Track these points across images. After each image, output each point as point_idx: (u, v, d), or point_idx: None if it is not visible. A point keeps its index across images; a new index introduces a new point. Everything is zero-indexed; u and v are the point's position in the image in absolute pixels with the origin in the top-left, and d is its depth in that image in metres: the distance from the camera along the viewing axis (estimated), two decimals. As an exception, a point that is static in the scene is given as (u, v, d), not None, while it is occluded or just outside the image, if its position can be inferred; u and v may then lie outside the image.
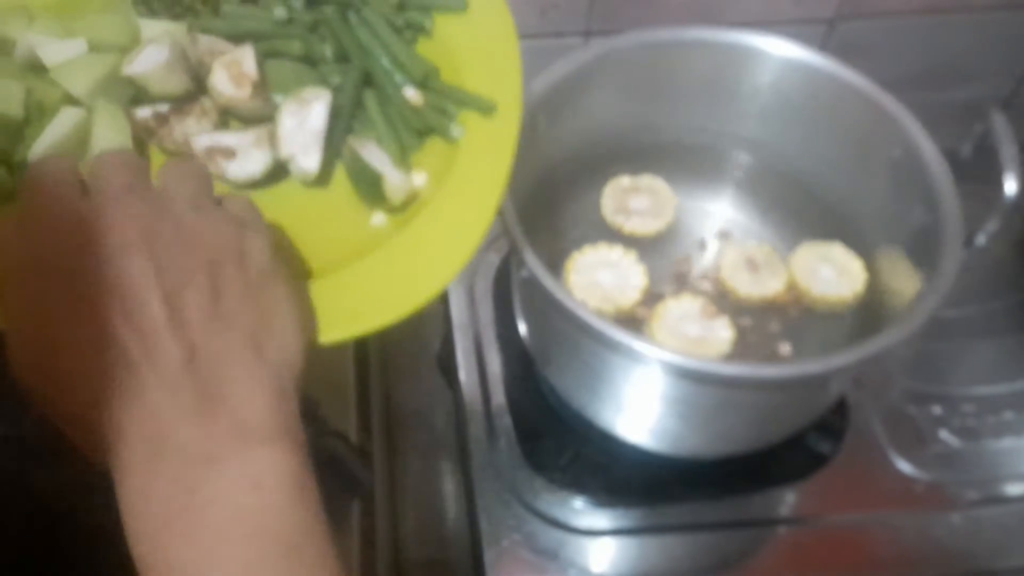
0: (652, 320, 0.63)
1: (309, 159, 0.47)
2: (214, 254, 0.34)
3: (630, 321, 0.65)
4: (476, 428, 0.68)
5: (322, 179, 0.48)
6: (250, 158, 0.47)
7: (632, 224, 0.68)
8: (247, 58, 0.48)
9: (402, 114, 0.50)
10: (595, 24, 0.76)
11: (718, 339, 0.62)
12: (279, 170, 0.48)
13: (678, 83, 0.68)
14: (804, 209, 0.70)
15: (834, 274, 0.65)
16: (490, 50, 0.51)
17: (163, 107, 0.49)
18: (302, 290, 0.41)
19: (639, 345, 0.49)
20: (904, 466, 0.67)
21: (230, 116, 0.50)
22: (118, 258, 0.32)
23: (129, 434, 0.31)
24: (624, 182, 0.70)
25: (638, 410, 0.59)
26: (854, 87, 0.63)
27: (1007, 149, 0.56)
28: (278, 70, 0.51)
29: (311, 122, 0.47)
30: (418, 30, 0.53)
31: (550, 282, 0.52)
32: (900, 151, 0.61)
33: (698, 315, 0.63)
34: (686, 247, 0.70)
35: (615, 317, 0.63)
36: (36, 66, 0.49)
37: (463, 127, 0.49)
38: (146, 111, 0.48)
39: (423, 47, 0.53)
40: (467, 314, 0.75)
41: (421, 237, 0.44)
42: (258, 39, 0.50)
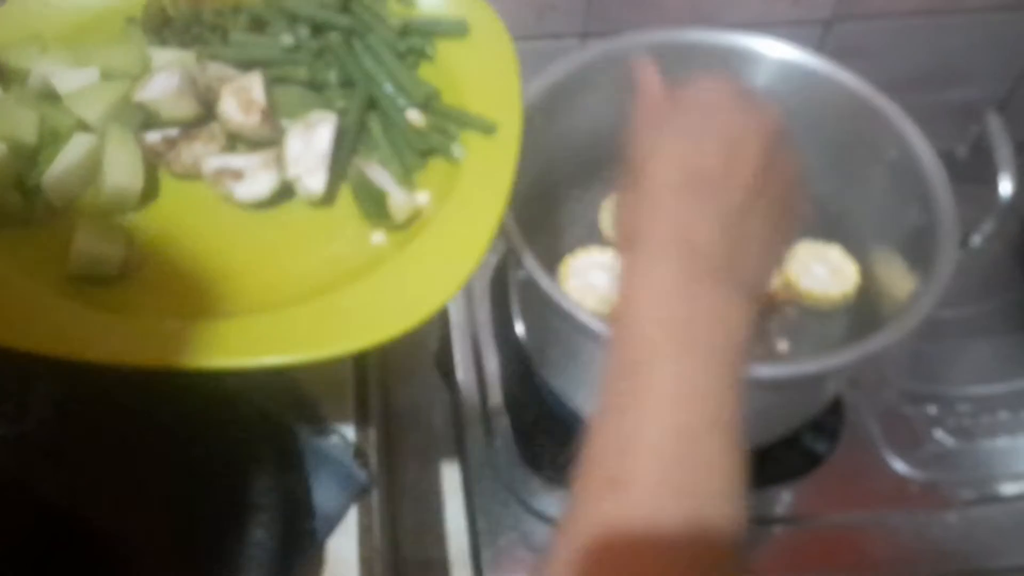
0: None
1: (315, 180, 0.48)
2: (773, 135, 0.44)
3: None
4: (474, 427, 0.69)
5: (327, 199, 0.49)
6: (258, 180, 0.48)
7: None
8: (255, 85, 0.49)
9: (405, 135, 0.51)
10: (592, 26, 0.76)
11: None
12: (285, 190, 0.50)
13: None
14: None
15: (827, 273, 0.66)
16: (490, 73, 0.53)
17: (172, 132, 0.50)
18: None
19: (636, 345, 0.50)
20: (899, 465, 0.67)
21: (238, 140, 0.52)
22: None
23: (657, 231, 0.38)
24: None
25: (635, 410, 0.59)
26: (850, 89, 0.63)
27: (1002, 150, 0.56)
28: (285, 95, 0.52)
29: (317, 144, 0.48)
30: (420, 55, 0.55)
31: (547, 283, 0.52)
32: (896, 152, 0.61)
33: None
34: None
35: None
36: (50, 94, 0.51)
37: (465, 147, 0.50)
38: (156, 136, 0.50)
39: (425, 71, 0.55)
40: (465, 314, 0.75)
41: (421, 256, 0.46)
42: (266, 65, 0.52)
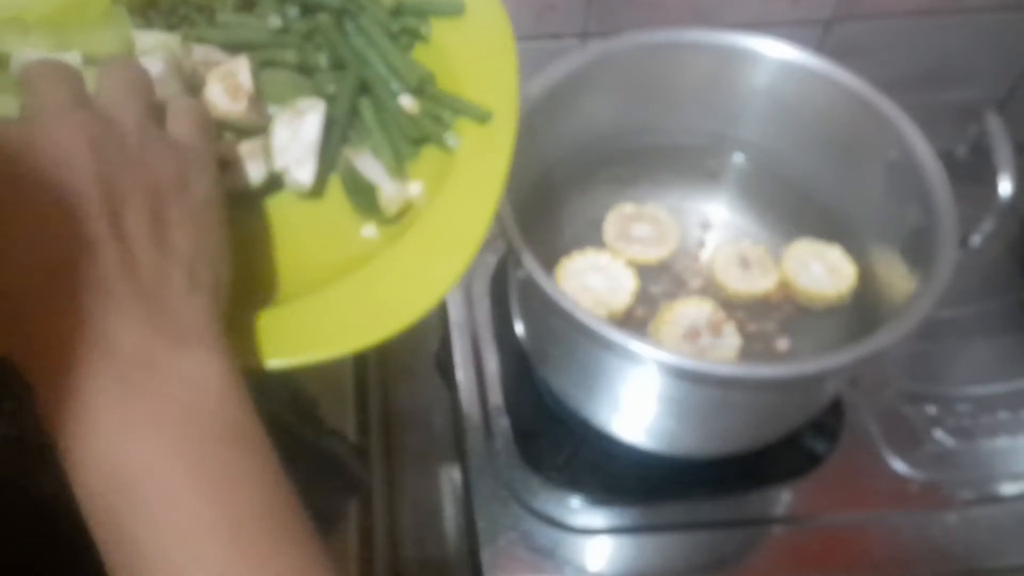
0: (660, 325, 0.64)
1: (303, 171, 0.46)
2: (157, 180, 0.34)
3: (627, 322, 0.65)
4: (473, 427, 0.69)
5: (316, 190, 0.47)
6: (245, 169, 0.46)
7: (633, 251, 0.68)
8: (242, 70, 0.47)
9: (398, 122, 0.49)
10: (592, 26, 0.76)
11: (725, 346, 0.63)
12: (272, 181, 0.47)
13: (675, 85, 0.69)
14: (799, 210, 0.70)
15: (824, 271, 0.66)
16: (487, 56, 0.51)
17: None
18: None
19: (635, 345, 0.50)
20: (899, 466, 0.67)
21: (224, 128, 0.50)
22: (63, 166, 0.32)
23: (62, 333, 0.30)
24: (628, 209, 0.70)
25: (634, 410, 0.59)
26: (850, 89, 0.63)
27: (1002, 150, 0.56)
28: (273, 79, 0.50)
29: (305, 133, 0.46)
30: (414, 36, 0.53)
31: (547, 282, 0.52)
32: (895, 152, 0.61)
33: (705, 324, 0.63)
34: (680, 248, 0.70)
35: (608, 320, 0.64)
36: None
37: (458, 135, 0.48)
38: None
39: (419, 53, 0.52)
40: (464, 314, 0.75)
41: (414, 250, 0.43)
42: (253, 48, 0.50)
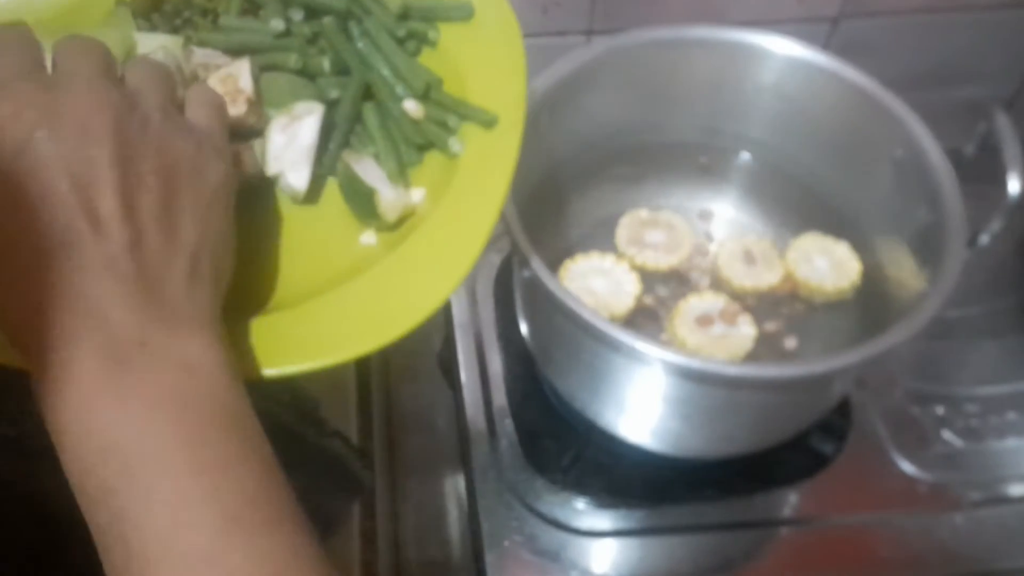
0: (674, 317, 0.64)
1: (297, 177, 0.45)
2: (173, 165, 0.34)
3: (633, 323, 0.65)
4: (477, 429, 0.68)
5: (311, 196, 0.46)
6: (244, 171, 0.45)
7: (644, 256, 0.68)
8: (243, 73, 0.46)
9: (401, 128, 0.48)
10: (597, 23, 0.75)
11: (740, 335, 0.63)
12: (267, 187, 0.47)
13: (680, 82, 0.68)
14: (807, 208, 0.70)
15: (828, 266, 0.66)
16: (494, 61, 0.50)
17: None
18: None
19: (641, 345, 0.49)
20: (907, 467, 0.67)
21: None
22: (83, 138, 0.32)
23: (62, 308, 0.30)
24: (642, 215, 0.70)
25: (640, 411, 0.59)
26: (857, 86, 0.63)
27: (1011, 148, 0.56)
28: (274, 83, 0.49)
29: (301, 138, 0.46)
30: (422, 41, 0.52)
31: (552, 282, 0.52)
32: (903, 150, 0.61)
33: (719, 314, 0.63)
34: (687, 246, 0.70)
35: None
36: None
37: (462, 141, 0.47)
38: None
39: (425, 58, 0.52)
40: (468, 314, 0.74)
41: (412, 258, 0.43)
42: (255, 52, 0.49)
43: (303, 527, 0.32)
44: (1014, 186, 0.55)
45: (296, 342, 0.39)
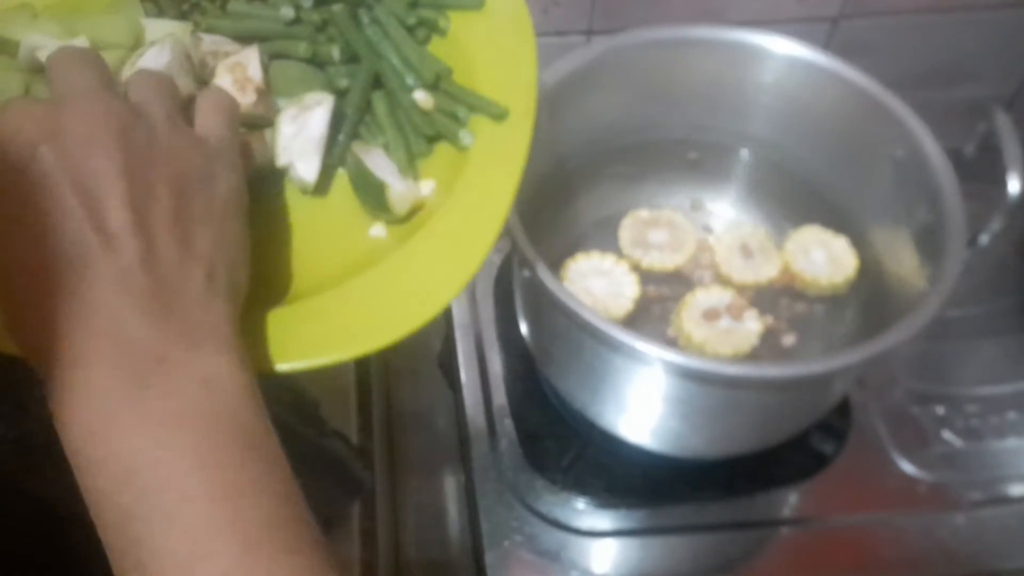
0: (681, 310, 0.64)
1: (307, 168, 0.45)
2: (182, 174, 0.34)
3: (633, 322, 0.65)
4: (477, 429, 0.68)
5: (321, 188, 0.46)
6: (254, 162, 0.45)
7: (651, 258, 0.68)
8: (252, 62, 0.46)
9: (412, 119, 0.48)
10: (597, 23, 0.75)
11: (746, 331, 0.63)
12: (276, 178, 0.46)
13: (681, 82, 0.68)
14: (806, 207, 0.69)
15: (824, 260, 0.66)
16: (505, 51, 0.49)
17: None
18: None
19: (641, 345, 0.49)
20: (907, 466, 0.67)
21: None
22: (90, 150, 0.31)
23: (76, 326, 0.30)
24: (643, 215, 0.70)
25: (640, 410, 0.59)
26: (857, 86, 0.63)
27: (1011, 149, 0.56)
28: (283, 72, 0.49)
29: (310, 129, 0.45)
30: (432, 29, 0.51)
31: (552, 282, 0.52)
32: (903, 150, 0.60)
33: (725, 308, 0.64)
34: (690, 244, 0.70)
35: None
36: (39, 68, 0.49)
37: (473, 133, 0.46)
38: None
39: (436, 47, 0.51)
40: (468, 314, 0.74)
41: (423, 251, 0.42)
42: (264, 39, 0.49)
43: (320, 546, 0.31)
44: (1014, 186, 0.55)
45: (308, 337, 0.39)
